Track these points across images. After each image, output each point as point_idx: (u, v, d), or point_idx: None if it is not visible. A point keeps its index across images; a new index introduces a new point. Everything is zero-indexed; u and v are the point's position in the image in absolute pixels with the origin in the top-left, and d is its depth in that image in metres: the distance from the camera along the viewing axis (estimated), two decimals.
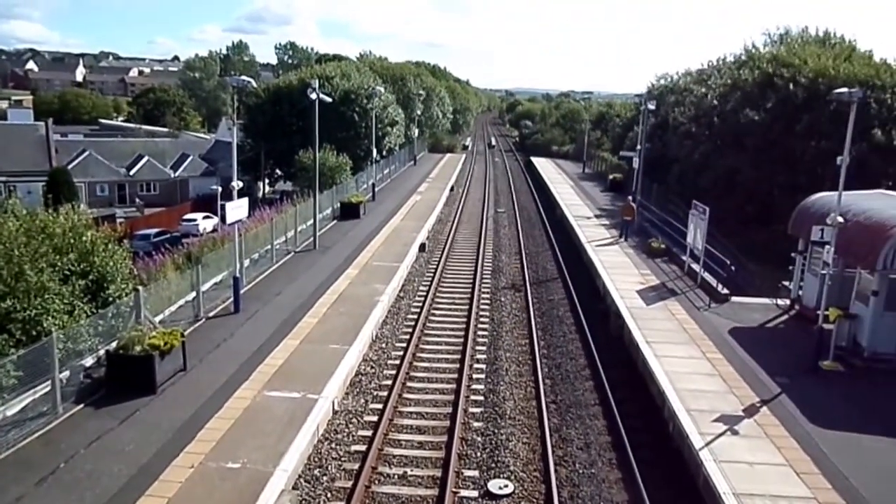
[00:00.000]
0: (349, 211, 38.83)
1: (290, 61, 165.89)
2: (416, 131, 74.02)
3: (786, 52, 43.02)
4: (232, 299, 22.09)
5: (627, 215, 34.86)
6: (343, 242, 32.59)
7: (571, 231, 37.70)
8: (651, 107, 38.59)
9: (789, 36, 52.70)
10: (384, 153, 60.79)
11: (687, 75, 57.53)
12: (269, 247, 28.51)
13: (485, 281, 28.80)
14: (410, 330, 22.10)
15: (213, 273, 23.67)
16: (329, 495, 13.58)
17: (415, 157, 73.04)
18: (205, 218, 57.03)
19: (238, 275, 22.50)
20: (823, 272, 19.01)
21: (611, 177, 54.76)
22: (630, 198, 35.82)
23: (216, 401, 15.71)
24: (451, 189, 55.22)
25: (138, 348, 16.15)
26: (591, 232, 36.10)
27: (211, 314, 21.47)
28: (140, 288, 18.29)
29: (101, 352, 16.79)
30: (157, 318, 19.25)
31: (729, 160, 38.70)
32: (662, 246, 31.37)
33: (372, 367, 19.33)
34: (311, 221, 32.40)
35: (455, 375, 18.78)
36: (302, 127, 53.05)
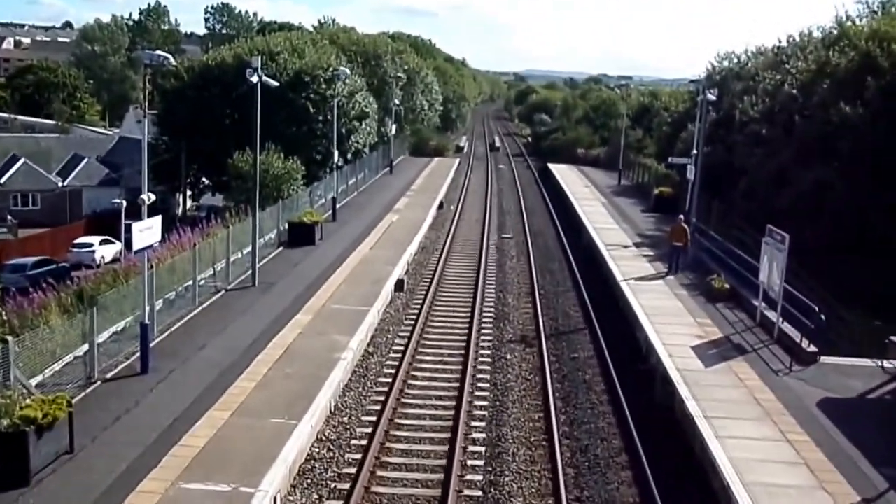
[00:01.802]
0: (301, 234, 38.84)
1: (223, 31, 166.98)
2: (394, 127, 74.32)
3: (891, 26, 43.49)
4: (139, 354, 21.89)
5: (678, 240, 34.98)
6: (292, 277, 32.49)
7: (603, 265, 37.79)
8: (711, 97, 38.89)
9: (893, 4, 53.36)
10: (349, 156, 60.96)
11: (759, 55, 58.10)
12: (190, 283, 28.39)
13: (485, 332, 28.73)
14: (382, 399, 21.96)
15: (113, 319, 23.48)
16: None
17: (391, 163, 73.34)
18: (103, 243, 56.89)
19: (147, 321, 22.35)
20: None
21: (656, 191, 55.07)
22: (681, 217, 36.00)
23: (113, 496, 15.45)
24: (441, 206, 55.39)
25: (6, 422, 15.91)
26: (630, 266, 36.18)
27: (109, 375, 21.24)
28: (10, 339, 18.08)
29: None
30: (34, 381, 19.01)
31: (815, 171, 38.93)
32: (726, 286, 31.45)
33: (329, 450, 19.17)
34: (249, 249, 32.29)
35: (443, 462, 18.61)
36: (238, 120, 53.14)
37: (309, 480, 17.79)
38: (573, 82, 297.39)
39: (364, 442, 19.43)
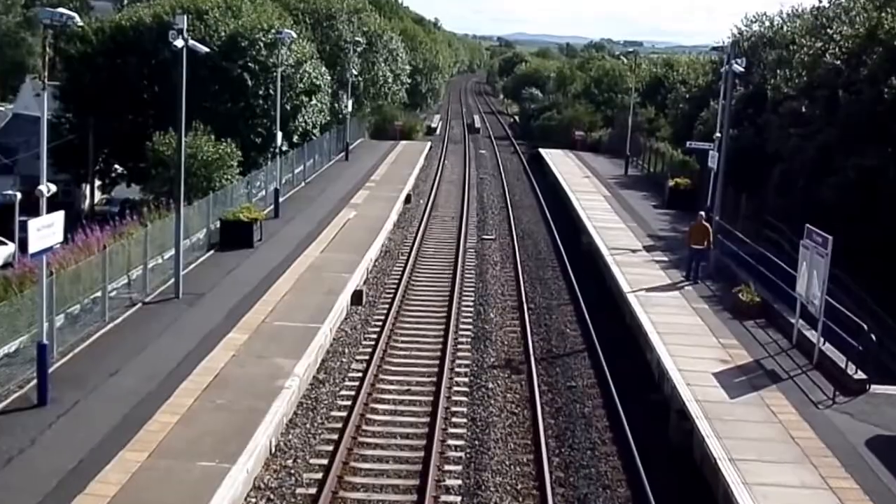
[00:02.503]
0: (236, 234, 38.75)
1: None
2: (350, 104, 74.22)
3: None
4: (35, 382, 21.69)
5: (697, 242, 35.09)
6: (224, 287, 32.37)
7: (607, 273, 37.88)
8: (738, 68, 39.05)
9: None
10: (296, 139, 60.73)
11: (795, 17, 58.47)
12: (99, 294, 28.21)
13: (461, 355, 28.71)
14: (335, 437, 21.88)
15: (4, 338, 23.34)
16: None
17: (347, 147, 73.28)
18: None
19: (46, 341, 22.13)
20: None
21: (671, 182, 55.32)
22: (702, 214, 36.09)
23: None
24: (408, 200, 55.39)
25: None
26: (639, 274, 36.32)
27: None
28: None
29: None
30: None
31: (865, 158, 39.15)
32: (757, 298, 31.58)
33: (269, 501, 19.07)
34: (172, 252, 32.11)
35: None
36: (159, 94, 52.79)
37: None
38: (570, 49, 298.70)
39: (312, 490, 19.32)
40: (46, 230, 21.96)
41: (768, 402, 23.46)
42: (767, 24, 61.75)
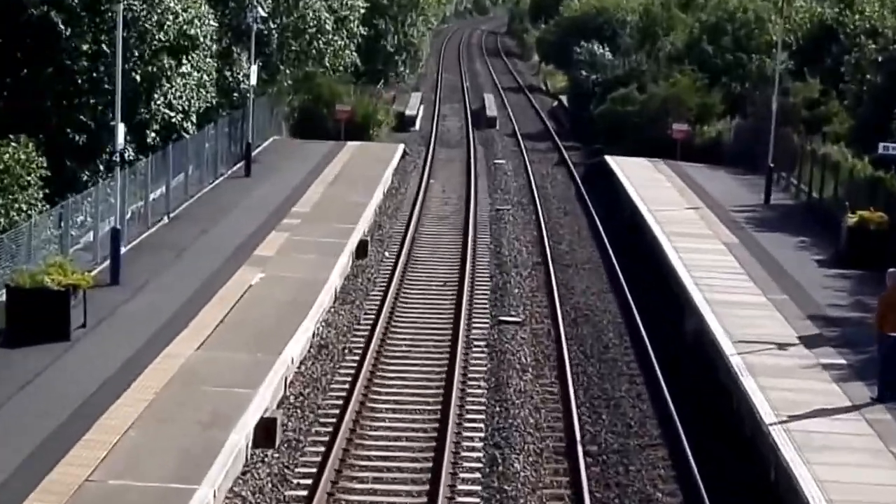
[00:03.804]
0: (38, 314, 38.70)
1: None
2: (254, 72, 74.32)
3: None
4: None
5: (890, 326, 34.62)
6: (15, 413, 32.12)
7: (734, 386, 37.47)
8: None
9: None
10: (153, 137, 60.61)
11: None
12: None
13: None
14: None
15: None
16: None
17: (249, 152, 73.51)
18: None
19: None
20: None
21: (852, 218, 55.11)
22: (894, 271, 35.77)
23: None
24: (361, 251, 55.10)
25: None
26: (792, 388, 36.19)
27: None
28: None
29: None
30: None
31: None
32: None
33: None
34: None
35: None
36: None
37: None
38: None
39: None
40: None
41: None
42: None
